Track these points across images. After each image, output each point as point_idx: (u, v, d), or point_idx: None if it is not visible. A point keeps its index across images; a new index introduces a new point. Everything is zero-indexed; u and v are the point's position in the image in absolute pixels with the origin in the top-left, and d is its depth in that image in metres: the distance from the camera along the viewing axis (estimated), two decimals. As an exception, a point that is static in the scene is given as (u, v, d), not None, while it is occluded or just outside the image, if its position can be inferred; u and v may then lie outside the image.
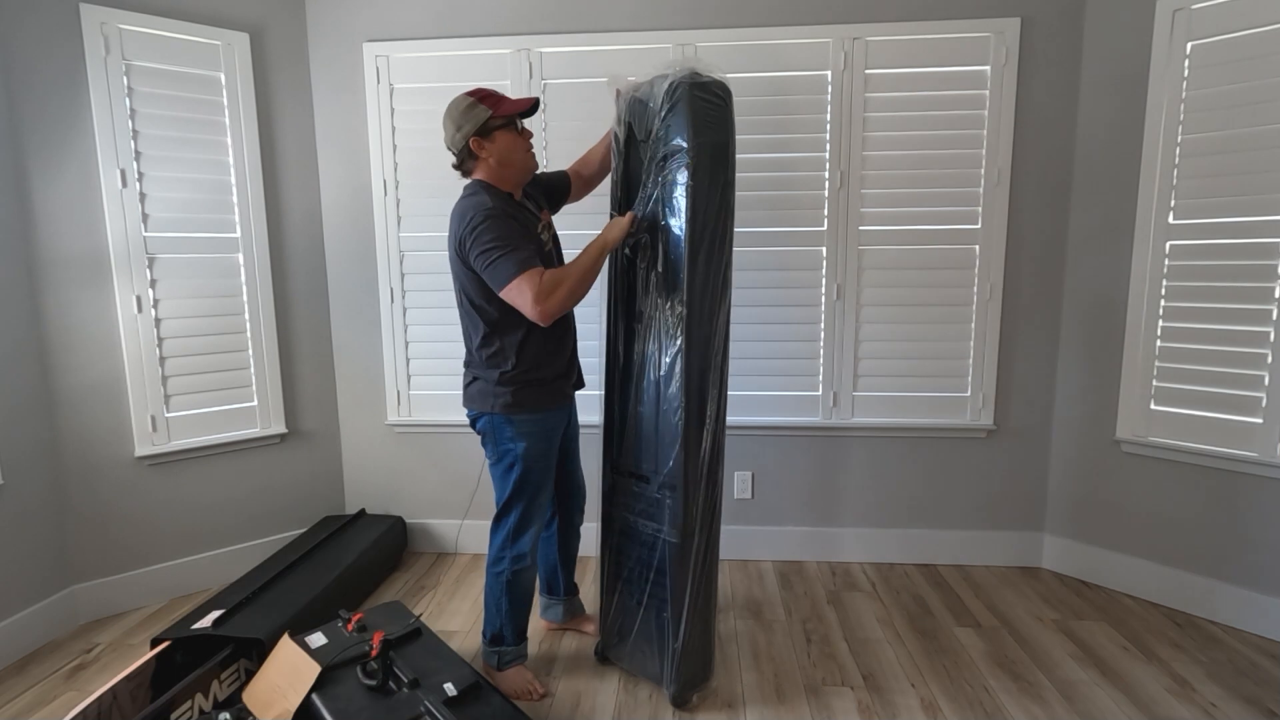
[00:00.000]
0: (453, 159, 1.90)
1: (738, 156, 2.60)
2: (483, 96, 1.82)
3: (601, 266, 1.81)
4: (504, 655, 2.02)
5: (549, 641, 2.29)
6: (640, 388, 1.93)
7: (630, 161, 1.96)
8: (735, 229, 2.64)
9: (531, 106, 1.86)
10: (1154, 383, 2.44)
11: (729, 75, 2.59)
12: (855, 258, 2.67)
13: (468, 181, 1.90)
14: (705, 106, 1.78)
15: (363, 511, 2.95)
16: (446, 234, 1.91)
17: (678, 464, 1.84)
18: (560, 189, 2.12)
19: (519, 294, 1.71)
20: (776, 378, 2.77)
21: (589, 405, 2.78)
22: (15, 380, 2.24)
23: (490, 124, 1.80)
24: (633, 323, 1.95)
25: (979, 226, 2.62)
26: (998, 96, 2.55)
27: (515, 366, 1.87)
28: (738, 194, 2.63)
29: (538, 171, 2.01)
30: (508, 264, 1.71)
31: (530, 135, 1.90)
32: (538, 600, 2.36)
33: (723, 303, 1.86)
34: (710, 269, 1.82)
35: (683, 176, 1.76)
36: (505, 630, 2.01)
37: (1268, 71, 2.15)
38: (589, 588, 2.59)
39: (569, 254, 2.04)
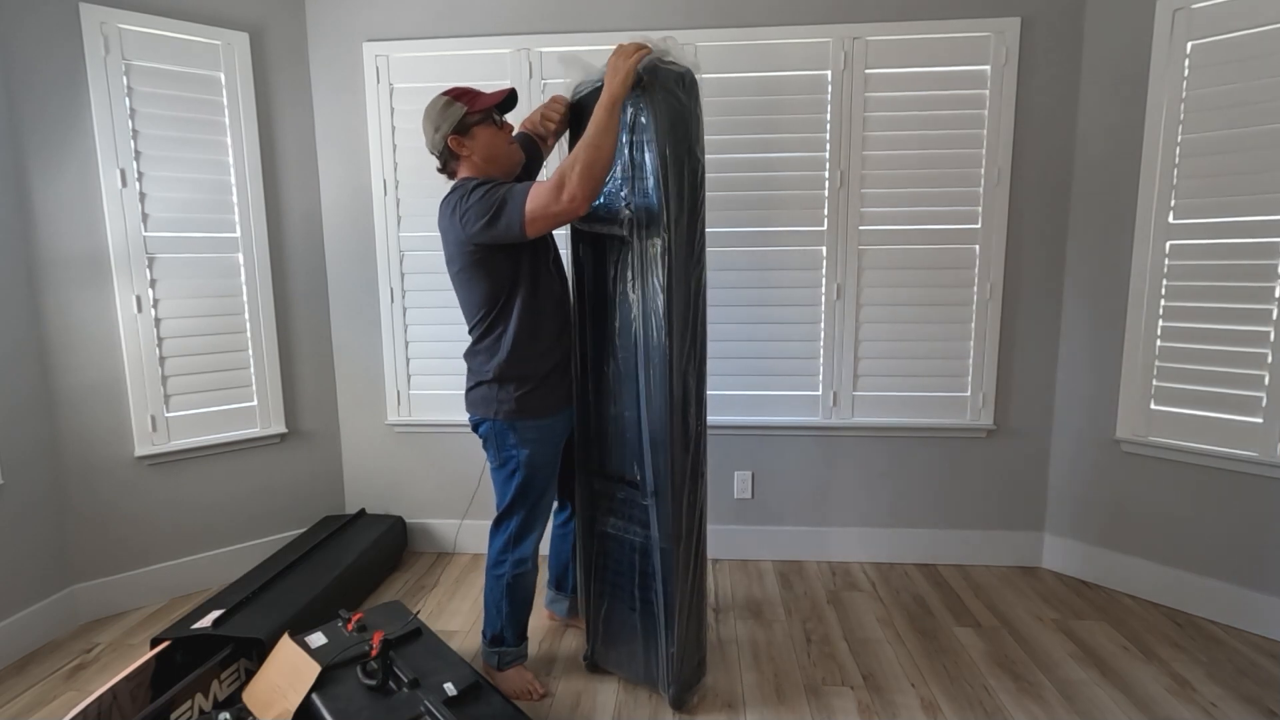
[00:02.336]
0: (436, 163, 1.85)
1: (737, 156, 2.64)
2: (458, 94, 1.78)
3: (616, 126, 1.64)
4: (504, 656, 2.02)
5: (549, 641, 2.29)
6: (618, 390, 1.88)
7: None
8: (735, 229, 2.67)
9: (508, 98, 1.81)
10: (1154, 383, 2.44)
11: (729, 75, 2.61)
12: (855, 258, 2.67)
13: (459, 180, 1.82)
14: (671, 106, 1.70)
15: (363, 511, 2.95)
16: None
17: (666, 467, 1.80)
18: (534, 156, 2.02)
19: (540, 205, 1.62)
20: (776, 378, 2.77)
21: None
22: (15, 380, 2.24)
23: (467, 120, 1.76)
24: (603, 323, 1.90)
25: (979, 226, 2.62)
26: (998, 96, 2.55)
27: (509, 357, 1.82)
28: (738, 194, 2.66)
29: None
30: (515, 197, 1.65)
31: (510, 128, 1.86)
32: (542, 593, 2.38)
33: (698, 302, 1.82)
34: (686, 269, 1.77)
35: (651, 183, 1.71)
36: (506, 632, 2.00)
37: (1268, 71, 2.15)
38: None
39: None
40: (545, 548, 2.28)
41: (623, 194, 1.79)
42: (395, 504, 3.00)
